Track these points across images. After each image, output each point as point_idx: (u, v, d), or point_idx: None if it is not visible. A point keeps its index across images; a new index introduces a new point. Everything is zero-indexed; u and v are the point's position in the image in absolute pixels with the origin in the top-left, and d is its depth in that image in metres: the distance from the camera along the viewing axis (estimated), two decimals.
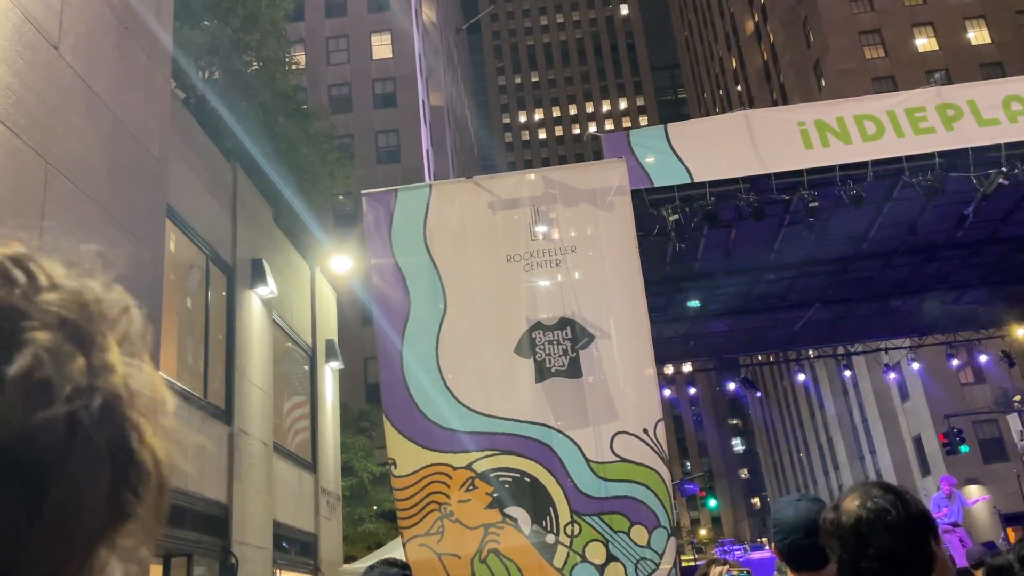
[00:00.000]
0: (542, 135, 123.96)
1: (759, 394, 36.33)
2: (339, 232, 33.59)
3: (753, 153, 11.48)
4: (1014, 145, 11.70)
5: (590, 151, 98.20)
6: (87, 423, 0.44)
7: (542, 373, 9.24)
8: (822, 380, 57.89)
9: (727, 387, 24.90)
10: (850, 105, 12.11)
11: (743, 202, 11.86)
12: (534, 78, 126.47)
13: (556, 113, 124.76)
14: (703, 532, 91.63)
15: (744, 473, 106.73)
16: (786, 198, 12.21)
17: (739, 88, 70.77)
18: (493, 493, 8.85)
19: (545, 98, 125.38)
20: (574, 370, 9.26)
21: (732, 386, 24.19)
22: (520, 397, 9.26)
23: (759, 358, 26.20)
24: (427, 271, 9.62)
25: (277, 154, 17.81)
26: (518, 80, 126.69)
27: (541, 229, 9.86)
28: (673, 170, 11.48)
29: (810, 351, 24.50)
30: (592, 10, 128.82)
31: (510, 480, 8.90)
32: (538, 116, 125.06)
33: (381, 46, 46.90)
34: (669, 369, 23.66)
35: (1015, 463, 33.91)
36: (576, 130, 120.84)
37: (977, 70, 45.64)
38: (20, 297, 0.46)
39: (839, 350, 23.61)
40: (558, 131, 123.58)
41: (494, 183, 10.40)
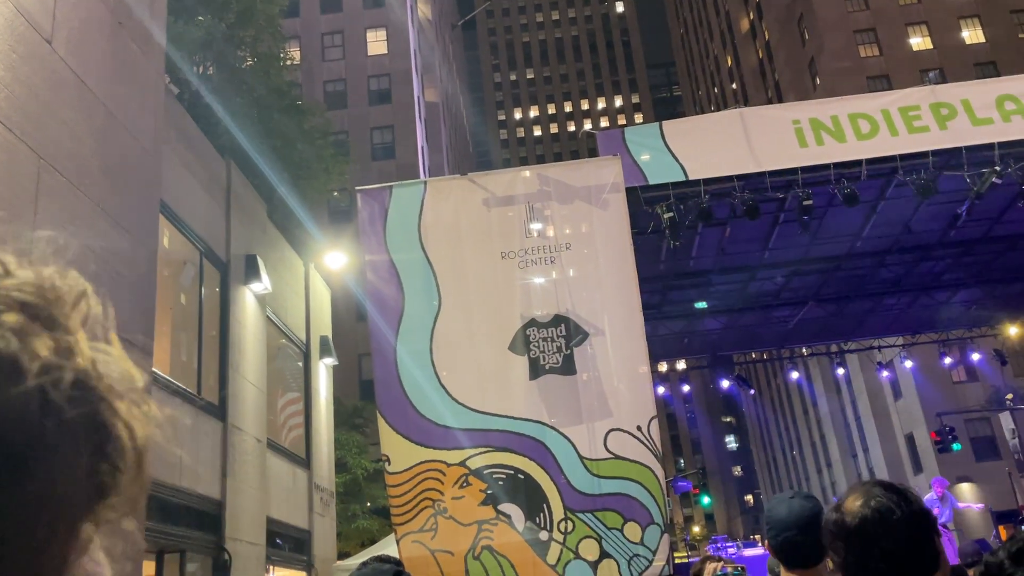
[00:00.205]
0: (537, 132, 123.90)
1: (752, 392, 36.37)
2: (334, 228, 33.55)
3: (748, 151, 11.50)
4: (1008, 144, 11.74)
5: (585, 148, 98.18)
6: (59, 398, 0.45)
7: (536, 370, 9.25)
8: (815, 378, 58.06)
9: (721, 384, 24.92)
10: (845, 103, 12.14)
11: (737, 200, 11.88)
12: (529, 75, 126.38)
13: (551, 110, 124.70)
14: (696, 529, 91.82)
15: (737, 470, 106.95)
16: (780, 196, 12.24)
17: (734, 86, 70.84)
18: (487, 490, 8.86)
19: (540, 95, 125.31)
20: (568, 367, 9.27)
21: (726, 384, 24.21)
22: (514, 394, 9.26)
23: (753, 356, 26.27)
24: (422, 267, 9.61)
25: (272, 150, 17.77)
26: (513, 77, 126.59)
27: (536, 226, 9.86)
28: (668, 168, 11.49)
29: (804, 349, 24.57)
30: (588, 7, 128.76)
31: (504, 477, 8.91)
32: (533, 113, 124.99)
33: (376, 42, 46.81)
34: (663, 366, 23.69)
35: (1007, 461, 34.06)
36: (571, 127, 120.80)
37: (971, 69, 45.76)
38: None
39: (832, 348, 23.68)
40: (553, 128, 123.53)
41: (489, 180, 10.40)
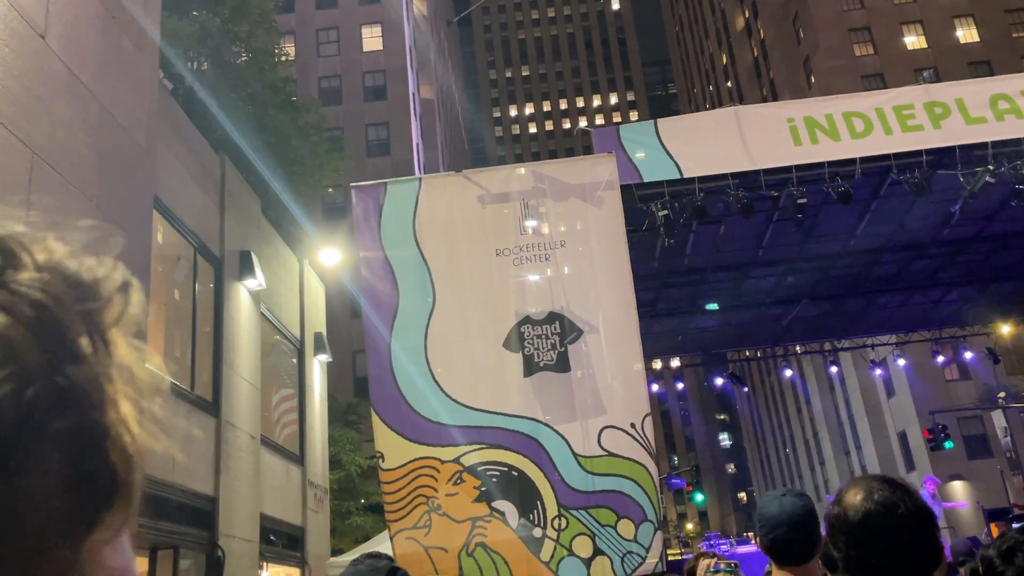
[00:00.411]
0: (532, 129, 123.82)
1: (746, 389, 36.46)
2: (328, 225, 33.48)
3: (742, 149, 11.51)
4: (1001, 143, 11.78)
5: (580, 146, 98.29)
6: (35, 410, 0.44)
7: (530, 367, 9.25)
8: (809, 376, 58.20)
9: (715, 382, 24.98)
10: (839, 102, 12.16)
11: (732, 198, 11.89)
12: (525, 72, 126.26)
13: (547, 107, 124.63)
14: (690, 526, 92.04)
15: (731, 468, 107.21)
16: (775, 194, 12.25)
17: (729, 84, 70.89)
18: (481, 487, 8.86)
19: (536, 92, 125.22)
20: (562, 364, 9.27)
21: (720, 381, 24.27)
22: (508, 391, 9.26)
23: (747, 353, 26.31)
24: (416, 264, 9.60)
25: (266, 146, 17.71)
26: (509, 74, 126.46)
27: (531, 223, 9.86)
28: (663, 165, 11.50)
29: (797, 347, 24.62)
30: (583, 4, 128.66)
31: (498, 474, 8.91)
32: (528, 110, 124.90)
33: (372, 38, 46.71)
34: (657, 364, 23.74)
35: (999, 459, 34.21)
36: (566, 125, 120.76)
37: (965, 68, 45.87)
38: None
39: (826, 346, 23.74)
40: (548, 125, 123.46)
41: (484, 177, 10.39)
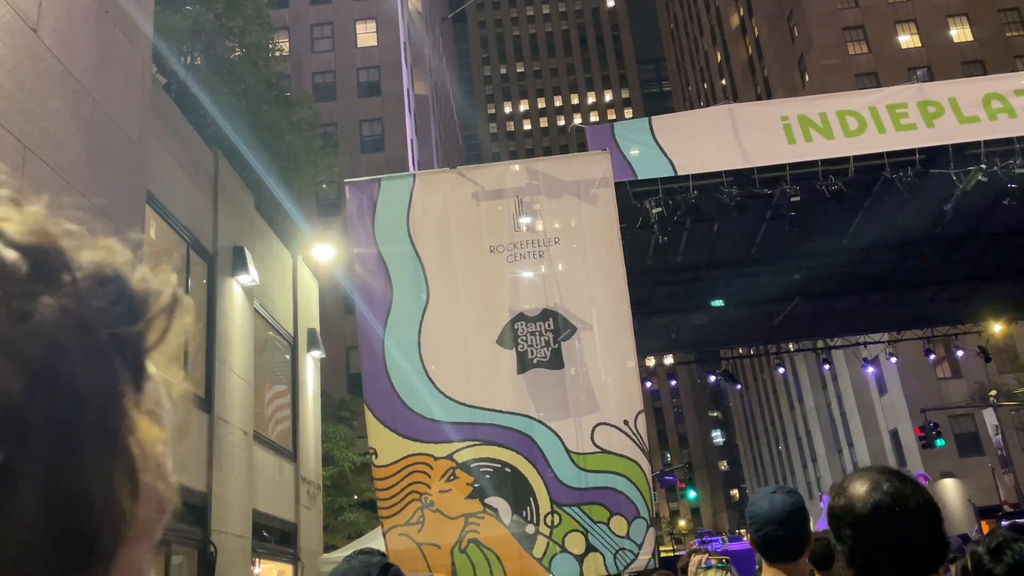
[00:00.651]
0: (527, 126, 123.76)
1: (739, 387, 36.58)
2: (322, 221, 33.43)
3: (736, 147, 11.53)
4: (994, 142, 11.83)
5: (574, 143, 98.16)
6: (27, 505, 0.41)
7: (524, 364, 9.25)
8: (801, 374, 58.41)
9: (708, 380, 25.07)
10: (833, 100, 12.19)
11: (726, 196, 11.91)
12: (519, 68, 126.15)
13: (541, 104, 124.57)
14: (682, 523, 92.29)
15: (724, 465, 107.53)
16: (768, 192, 12.28)
17: (724, 82, 70.96)
18: (474, 483, 8.87)
19: (530, 89, 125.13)
20: (556, 361, 9.28)
21: (713, 379, 24.34)
22: (502, 388, 9.27)
23: (740, 351, 26.39)
24: (410, 261, 9.60)
25: (260, 141, 17.67)
26: (503, 70, 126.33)
27: (525, 220, 9.86)
28: (657, 163, 11.51)
29: (790, 345, 24.70)
30: (578, 1, 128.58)
31: (491, 470, 8.92)
32: (523, 107, 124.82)
33: (366, 34, 46.60)
34: (651, 361, 23.78)
35: (990, 457, 34.39)
36: (561, 121, 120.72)
37: (959, 67, 46.02)
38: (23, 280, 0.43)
39: (819, 344, 23.81)
40: (543, 122, 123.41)
41: (478, 173, 10.38)
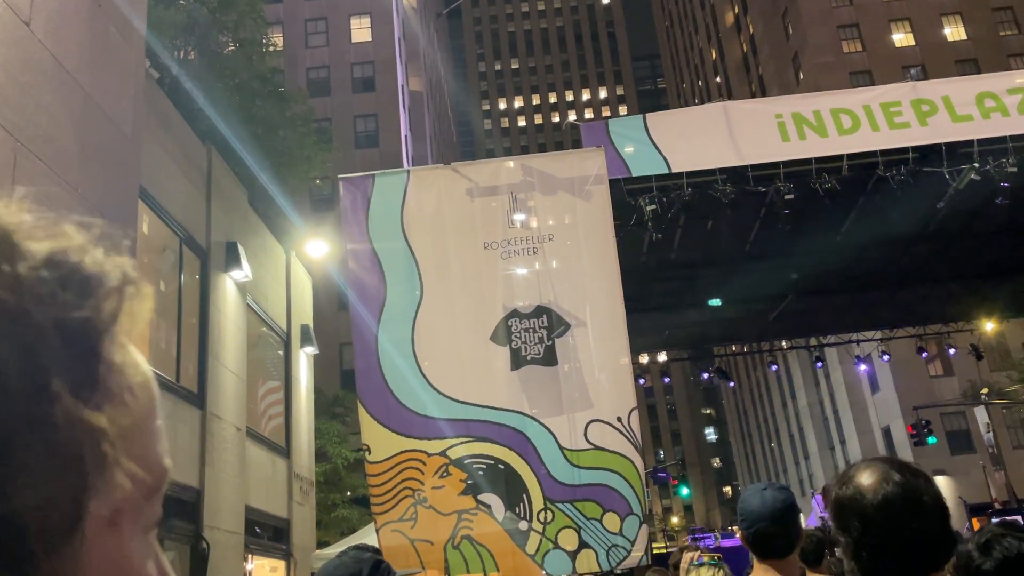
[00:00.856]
0: (522, 122, 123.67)
1: (732, 384, 36.66)
2: (316, 216, 33.36)
3: (731, 144, 11.55)
4: (987, 141, 11.87)
5: (569, 139, 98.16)
6: (26, 435, 0.43)
7: (518, 361, 9.26)
8: (794, 371, 58.56)
9: (701, 377, 25.11)
10: (827, 98, 12.21)
11: (720, 193, 11.93)
12: (514, 65, 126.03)
13: (536, 101, 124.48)
14: (675, 520, 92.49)
15: (716, 462, 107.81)
16: (762, 190, 12.30)
17: (718, 79, 71.02)
18: (467, 480, 8.87)
19: (525, 85, 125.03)
20: (549, 358, 9.29)
21: (706, 376, 24.39)
22: (495, 384, 9.27)
23: (733, 348, 26.44)
24: (404, 257, 9.59)
25: (253, 137, 17.62)
26: (498, 67, 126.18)
27: (519, 217, 9.86)
28: (651, 160, 11.52)
29: (783, 342, 24.76)
30: None
31: (484, 467, 8.93)
32: (518, 103, 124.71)
33: (360, 29, 46.49)
34: (644, 358, 23.81)
35: (981, 455, 34.55)
36: (556, 118, 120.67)
37: (953, 66, 46.13)
38: None
39: (812, 341, 23.87)
40: (538, 119, 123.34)
41: (472, 170, 10.38)
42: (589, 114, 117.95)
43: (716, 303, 17.33)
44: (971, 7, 49.06)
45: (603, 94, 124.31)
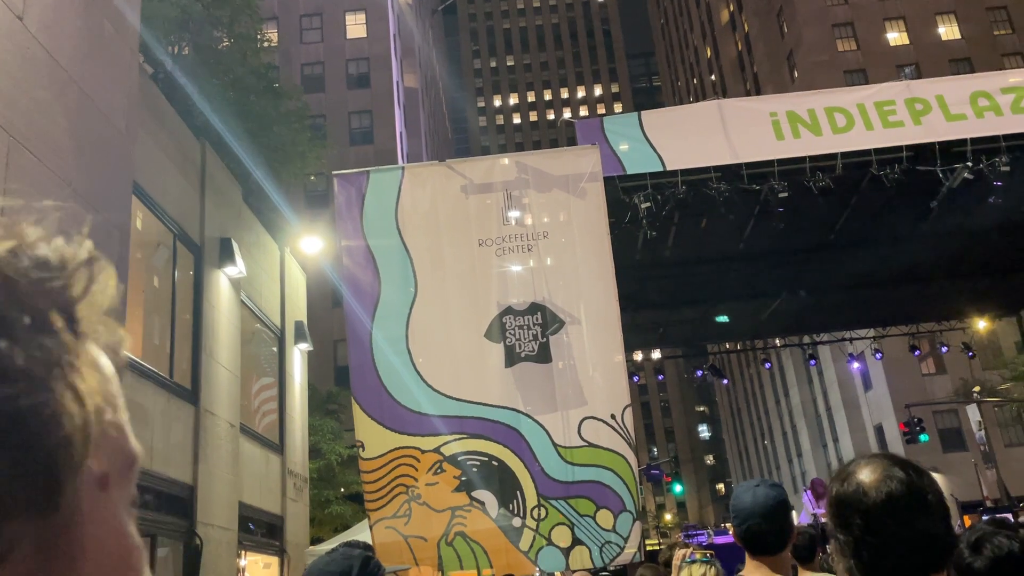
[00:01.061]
0: (516, 120, 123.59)
1: (726, 382, 36.72)
2: (310, 213, 33.31)
3: (725, 142, 11.57)
4: (980, 140, 11.91)
5: (564, 137, 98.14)
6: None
7: (512, 358, 9.27)
8: (788, 369, 58.71)
9: (695, 374, 25.18)
10: (821, 97, 12.24)
11: (714, 191, 11.95)
12: (509, 62, 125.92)
13: (531, 98, 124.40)
14: (668, 517, 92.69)
15: (710, 459, 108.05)
16: (756, 188, 12.32)
17: (713, 77, 71.07)
18: (461, 476, 8.88)
19: (520, 82, 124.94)
20: (544, 355, 9.29)
21: (700, 374, 24.45)
22: (489, 381, 9.28)
23: (727, 346, 26.51)
24: (398, 254, 9.58)
25: (247, 133, 17.56)
26: (493, 64, 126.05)
27: (513, 214, 9.86)
28: (646, 158, 11.54)
29: (777, 340, 24.83)
30: None
31: (478, 464, 8.93)
32: (513, 100, 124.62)
33: (355, 25, 46.38)
34: (638, 356, 23.84)
35: (973, 453, 34.71)
36: (551, 115, 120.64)
37: (946, 65, 46.24)
38: None
39: (805, 339, 23.94)
40: (532, 116, 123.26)
41: (467, 167, 10.37)
42: (584, 111, 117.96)
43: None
44: (965, 6, 49.18)
45: (598, 91, 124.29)
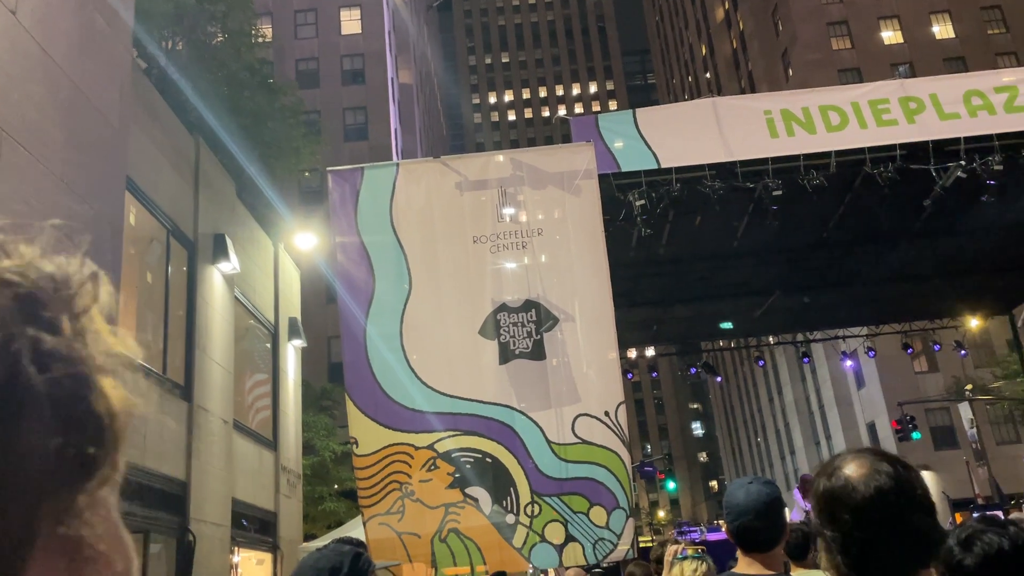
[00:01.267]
0: (511, 116, 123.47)
1: (719, 379, 36.84)
2: (304, 209, 33.24)
3: (720, 140, 11.59)
4: (973, 139, 11.95)
5: (559, 134, 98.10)
6: (23, 368, 0.47)
7: (506, 355, 9.27)
8: (781, 366, 58.84)
9: (689, 372, 25.21)
10: (816, 95, 12.26)
11: (708, 189, 11.96)
12: (504, 59, 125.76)
13: (526, 95, 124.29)
14: (661, 514, 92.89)
15: (703, 456, 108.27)
16: (750, 186, 12.33)
17: (708, 75, 71.11)
18: (454, 473, 8.89)
19: (515, 79, 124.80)
20: (538, 352, 9.30)
21: (694, 371, 24.49)
22: (484, 378, 9.28)
23: (721, 344, 26.56)
24: (392, 250, 9.57)
25: (241, 128, 17.51)
26: (488, 60, 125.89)
27: (508, 211, 9.86)
28: (640, 155, 11.55)
29: (770, 338, 24.88)
30: None
31: (472, 460, 8.94)
32: (508, 97, 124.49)
33: (350, 21, 46.26)
34: (632, 353, 23.87)
35: (964, 450, 34.85)
36: (546, 112, 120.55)
37: (941, 64, 46.34)
38: None
39: (798, 337, 24.00)
40: (527, 113, 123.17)
41: (462, 164, 10.37)
42: (579, 109, 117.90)
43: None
44: (959, 5, 49.29)
45: (593, 89, 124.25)
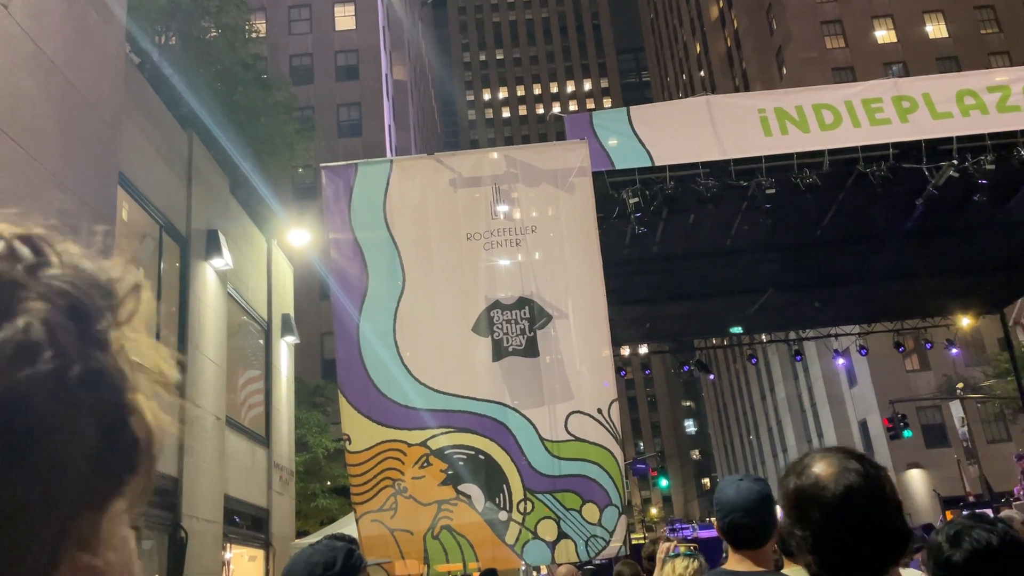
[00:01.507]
0: (506, 113, 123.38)
1: (712, 377, 36.89)
2: (298, 205, 33.17)
3: (713, 138, 11.61)
4: (966, 138, 12.00)
5: (553, 131, 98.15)
6: (73, 385, 0.47)
7: (499, 352, 9.27)
8: (773, 364, 59.02)
9: (682, 369, 25.25)
10: (809, 94, 12.30)
11: (702, 187, 11.98)
12: (499, 56, 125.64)
13: (520, 92, 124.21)
14: (654, 511, 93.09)
15: (696, 454, 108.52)
16: (744, 184, 12.36)
17: (702, 73, 71.18)
18: (447, 470, 8.89)
19: (510, 76, 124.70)
20: (531, 349, 9.31)
21: (686, 368, 24.52)
22: (477, 375, 9.29)
23: (714, 341, 26.59)
24: (386, 247, 9.56)
25: (235, 124, 17.46)
26: (483, 57, 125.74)
27: (502, 208, 9.86)
28: (634, 153, 11.56)
29: (763, 336, 24.94)
30: None
31: (464, 457, 8.95)
32: (502, 94, 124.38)
33: (344, 17, 46.14)
34: (625, 350, 23.89)
35: (955, 449, 35.01)
36: (540, 110, 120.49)
37: (934, 63, 46.48)
38: (22, 272, 0.49)
39: (791, 335, 24.06)
40: (522, 110, 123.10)
41: (456, 160, 10.36)
42: (573, 106, 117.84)
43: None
44: (953, 5, 49.43)
45: (587, 86, 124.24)
